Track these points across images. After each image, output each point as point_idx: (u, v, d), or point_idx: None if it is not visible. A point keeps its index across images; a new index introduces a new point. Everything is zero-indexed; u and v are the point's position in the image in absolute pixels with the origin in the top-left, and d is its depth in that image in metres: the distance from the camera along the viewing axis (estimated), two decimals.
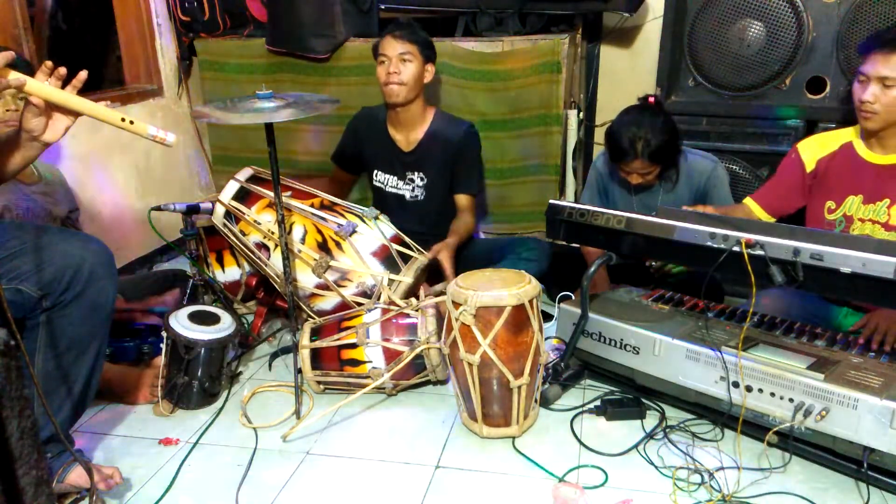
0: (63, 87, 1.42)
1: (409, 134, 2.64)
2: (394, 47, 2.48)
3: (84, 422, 1.93)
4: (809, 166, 2.14)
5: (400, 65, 2.48)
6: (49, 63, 1.42)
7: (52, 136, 1.45)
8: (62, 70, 1.42)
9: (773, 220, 2.19)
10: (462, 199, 2.67)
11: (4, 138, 1.50)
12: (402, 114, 2.58)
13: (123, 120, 1.45)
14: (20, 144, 1.47)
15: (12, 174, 1.53)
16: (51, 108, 1.42)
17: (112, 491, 1.65)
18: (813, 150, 2.14)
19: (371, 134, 2.69)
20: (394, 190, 2.70)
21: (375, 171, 2.73)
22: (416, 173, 2.66)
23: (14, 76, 1.34)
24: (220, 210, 2.32)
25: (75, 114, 1.45)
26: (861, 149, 2.06)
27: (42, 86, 1.39)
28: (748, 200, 2.24)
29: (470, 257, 2.57)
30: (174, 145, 1.53)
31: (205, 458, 1.82)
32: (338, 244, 2.26)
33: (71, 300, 1.51)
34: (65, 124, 1.46)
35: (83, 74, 1.45)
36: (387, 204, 2.63)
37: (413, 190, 2.68)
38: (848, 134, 2.11)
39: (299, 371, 2.03)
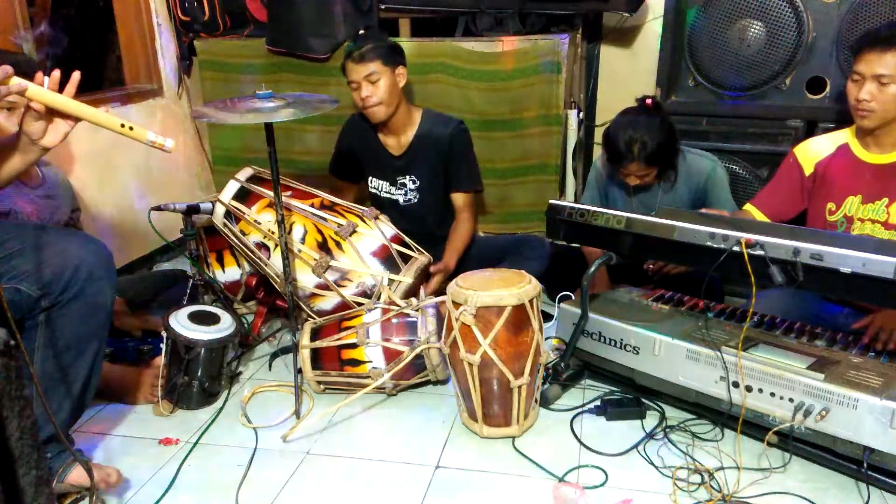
0: (60, 89, 1.42)
1: (399, 138, 2.63)
2: (357, 72, 2.44)
3: (84, 422, 1.93)
4: (808, 169, 2.14)
5: (370, 87, 2.45)
6: (40, 74, 1.41)
7: (51, 140, 1.46)
8: (56, 74, 1.42)
9: None
10: (459, 198, 2.66)
11: (3, 142, 1.50)
12: (390, 122, 2.58)
13: (123, 126, 1.46)
14: (19, 148, 1.47)
15: (12, 177, 1.53)
16: (51, 112, 1.42)
17: (112, 491, 1.65)
18: (810, 153, 2.15)
19: (363, 141, 2.68)
20: (388, 195, 2.70)
21: (371, 178, 2.72)
22: (407, 177, 2.65)
23: (15, 81, 1.34)
24: (220, 210, 2.32)
25: (75, 118, 1.45)
26: (857, 149, 2.06)
27: (42, 91, 1.39)
28: (749, 207, 2.24)
29: (470, 257, 2.57)
30: (173, 150, 1.54)
31: (205, 458, 1.82)
32: (338, 244, 2.26)
33: (69, 300, 1.51)
34: (64, 129, 1.46)
35: (76, 76, 1.45)
36: (383, 210, 2.62)
37: (406, 194, 2.67)
38: (844, 135, 2.11)
39: (299, 371, 2.03)
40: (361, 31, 2.61)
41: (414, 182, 2.65)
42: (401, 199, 2.68)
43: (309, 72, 3.10)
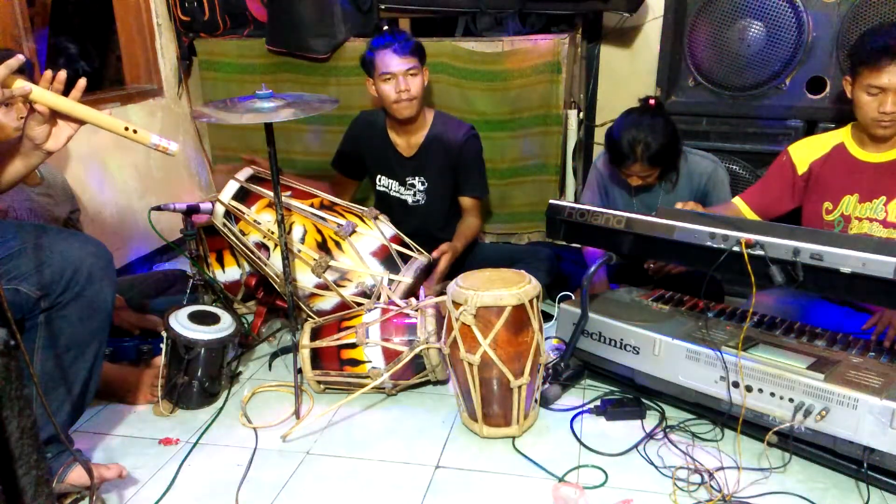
0: (65, 93, 1.43)
1: (409, 138, 2.63)
2: (398, 64, 2.42)
3: (84, 422, 1.93)
4: (801, 169, 2.14)
5: (409, 80, 2.44)
6: (48, 73, 1.42)
7: (54, 144, 1.46)
8: (62, 74, 1.42)
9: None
10: (467, 202, 2.68)
11: (6, 146, 1.50)
12: (408, 122, 2.57)
13: (127, 129, 1.46)
14: (22, 152, 1.47)
15: (15, 181, 1.53)
16: (55, 116, 1.43)
17: (112, 491, 1.65)
18: (804, 152, 2.15)
19: (372, 140, 2.67)
20: (397, 195, 2.69)
21: (379, 177, 2.72)
22: (416, 178, 2.65)
23: (19, 84, 1.35)
24: (219, 210, 2.32)
25: (79, 122, 1.46)
26: (854, 149, 2.07)
27: (47, 94, 1.40)
28: (737, 200, 2.24)
29: (476, 263, 2.55)
30: (176, 154, 1.54)
31: (205, 458, 1.82)
32: (337, 244, 2.26)
33: (69, 301, 1.51)
34: (67, 133, 1.47)
35: (82, 82, 1.45)
36: (391, 209, 2.61)
37: (415, 195, 2.67)
38: (839, 135, 2.11)
39: (299, 371, 2.03)
40: (385, 27, 2.58)
41: (423, 183, 2.65)
42: (409, 200, 2.68)
43: (309, 72, 3.10)
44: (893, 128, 1.93)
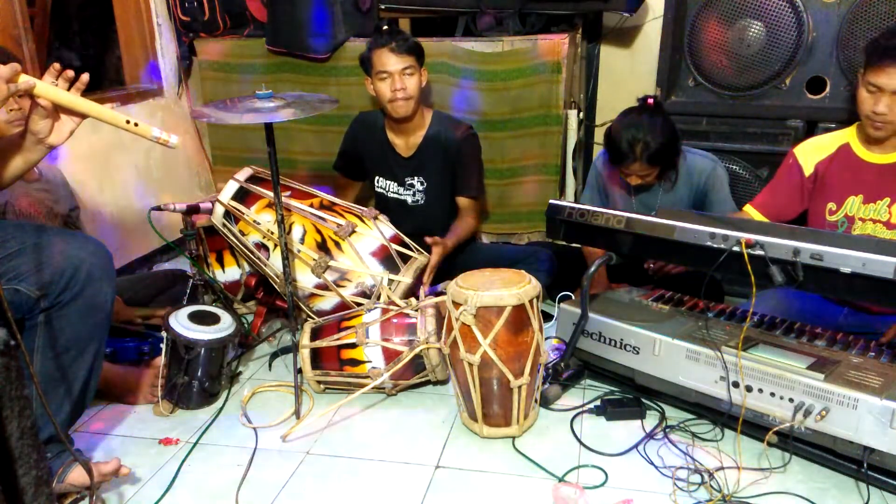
0: (68, 89, 1.44)
1: (408, 139, 2.63)
2: (395, 62, 2.43)
3: (84, 422, 1.93)
4: (808, 170, 2.13)
5: (405, 79, 2.44)
6: (57, 65, 1.43)
7: (57, 138, 1.47)
8: (69, 72, 1.44)
9: None
10: (463, 202, 2.67)
11: (7, 142, 1.51)
12: (405, 121, 2.57)
13: (128, 122, 1.48)
14: (24, 147, 1.48)
15: (15, 178, 1.54)
16: (58, 110, 1.43)
17: (112, 491, 1.65)
18: (810, 153, 2.14)
19: (370, 140, 2.67)
20: (395, 196, 2.69)
21: (377, 178, 2.72)
22: (415, 178, 2.65)
23: (24, 79, 1.35)
24: (219, 210, 2.32)
25: (81, 116, 1.46)
26: (859, 150, 2.06)
27: (50, 88, 1.41)
28: (748, 208, 2.23)
29: (477, 264, 2.55)
30: (177, 147, 1.55)
31: (205, 458, 1.82)
32: (337, 244, 2.26)
33: (69, 300, 1.51)
34: (70, 127, 1.48)
35: (85, 77, 1.47)
36: (390, 210, 2.61)
37: (414, 195, 2.67)
38: (844, 136, 2.11)
39: (299, 371, 2.03)
40: (385, 27, 2.59)
41: (422, 183, 2.65)
42: (409, 200, 2.68)
43: (309, 72, 3.10)
44: (885, 130, 1.93)
